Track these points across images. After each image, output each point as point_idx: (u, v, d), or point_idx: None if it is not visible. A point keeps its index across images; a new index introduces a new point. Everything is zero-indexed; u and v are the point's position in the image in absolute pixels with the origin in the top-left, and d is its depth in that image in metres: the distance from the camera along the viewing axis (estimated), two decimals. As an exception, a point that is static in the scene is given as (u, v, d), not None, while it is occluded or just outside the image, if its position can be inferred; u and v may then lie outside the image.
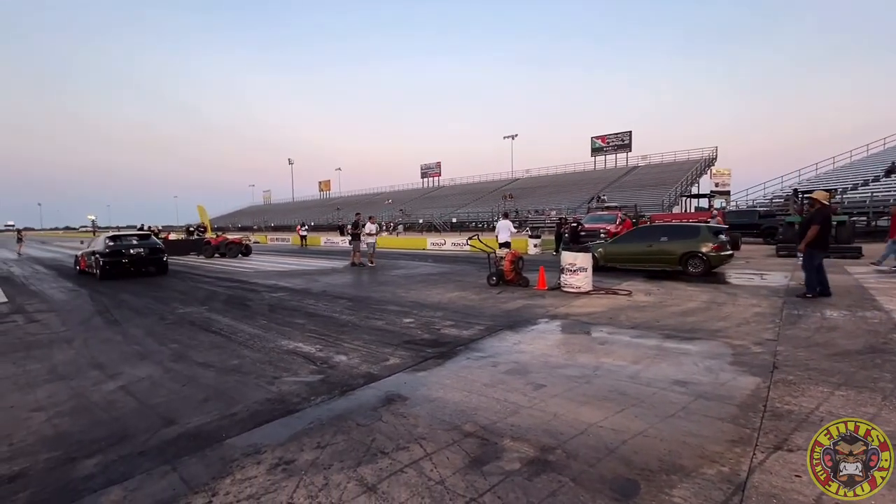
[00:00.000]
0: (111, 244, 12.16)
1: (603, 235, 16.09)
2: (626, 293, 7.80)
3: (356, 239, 14.19)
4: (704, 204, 35.83)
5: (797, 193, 20.01)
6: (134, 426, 3.07)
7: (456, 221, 47.78)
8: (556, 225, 19.58)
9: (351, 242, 14.77)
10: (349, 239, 15.79)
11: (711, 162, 46.96)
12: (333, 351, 4.78)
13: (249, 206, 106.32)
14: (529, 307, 6.90)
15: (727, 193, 37.55)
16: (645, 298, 7.39)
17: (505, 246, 11.97)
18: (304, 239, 28.51)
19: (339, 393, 3.56)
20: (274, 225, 70.57)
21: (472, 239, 10.93)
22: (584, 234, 16.02)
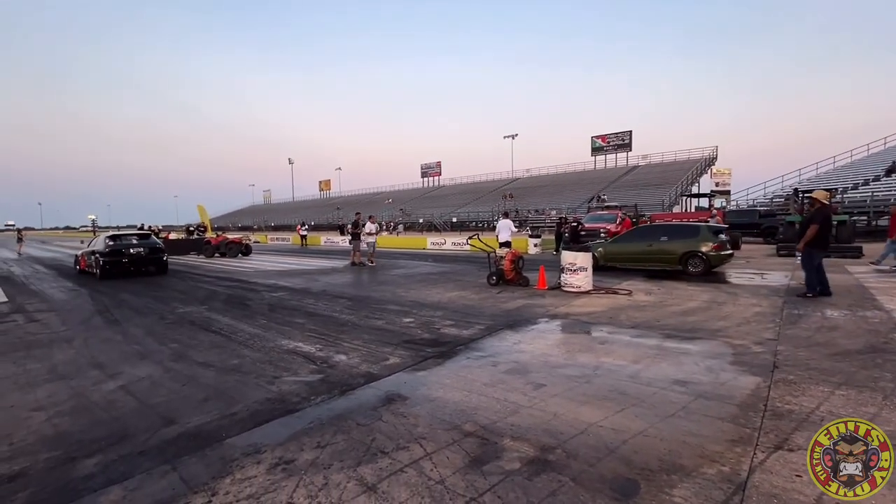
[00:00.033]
0: (111, 244, 12.16)
1: (603, 235, 16.09)
2: (626, 293, 7.80)
3: (356, 238, 14.19)
4: (705, 203, 35.79)
5: (797, 193, 20.00)
6: (134, 426, 3.07)
7: (456, 221, 47.75)
8: (556, 224, 19.57)
9: (351, 242, 14.77)
10: (349, 238, 15.79)
11: (712, 161, 46.93)
12: (333, 350, 4.78)
13: (250, 205, 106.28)
14: (529, 307, 6.90)
15: (727, 193, 37.47)
16: (645, 298, 7.39)
17: (505, 245, 11.97)
18: (304, 238, 28.54)
19: (338, 392, 3.56)
20: (274, 224, 70.56)
21: (472, 238, 10.92)
22: (584, 233, 16.01)
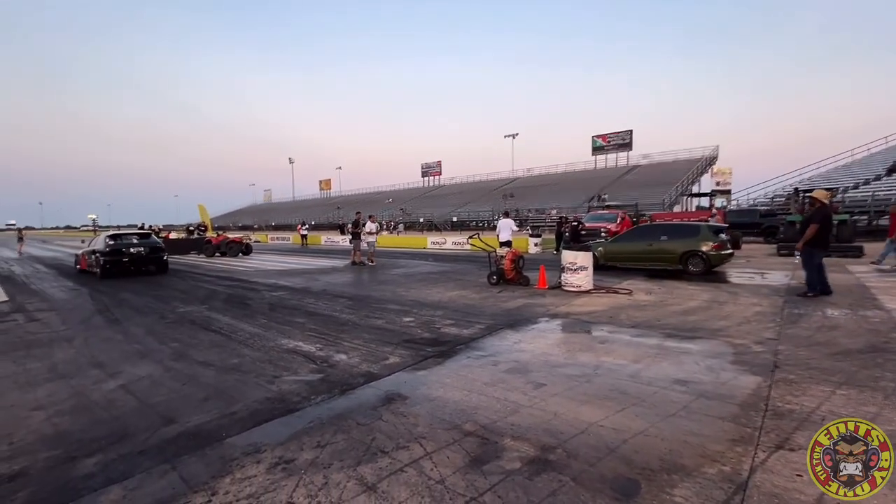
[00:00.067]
0: (111, 243, 12.16)
1: (604, 234, 16.09)
2: (626, 292, 7.79)
3: (357, 238, 14.19)
4: (706, 203, 35.80)
5: (798, 192, 19.98)
6: (134, 425, 3.07)
7: (456, 220, 47.77)
8: (556, 224, 19.56)
9: (351, 241, 14.77)
10: (350, 238, 15.79)
11: (712, 161, 46.88)
12: (333, 350, 4.78)
13: (250, 205, 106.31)
14: (530, 306, 6.89)
15: (728, 192, 37.45)
16: (646, 297, 7.38)
17: (506, 245, 11.97)
18: (304, 238, 28.54)
19: (338, 392, 3.56)
20: (275, 224, 70.56)
21: (472, 238, 10.92)
22: (584, 232, 16.01)
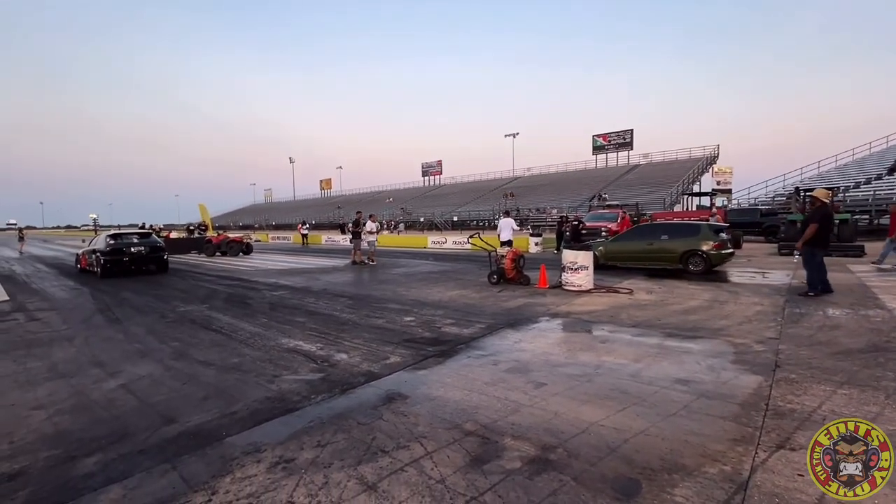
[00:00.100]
0: (112, 242, 12.17)
1: (604, 234, 16.07)
2: (627, 291, 7.78)
3: (357, 237, 14.19)
4: (706, 202, 35.74)
5: (799, 191, 19.93)
6: (134, 424, 3.07)
7: (457, 220, 47.75)
8: (557, 223, 19.54)
9: (352, 241, 14.77)
10: (350, 237, 15.79)
11: (713, 160, 46.82)
12: (334, 349, 4.77)
13: (251, 204, 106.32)
14: (530, 305, 6.89)
15: (729, 191, 37.40)
16: (646, 297, 7.37)
17: (506, 244, 11.96)
18: (305, 237, 28.55)
19: (339, 391, 3.56)
20: (275, 223, 70.59)
21: (473, 237, 10.91)
22: (585, 232, 16.00)
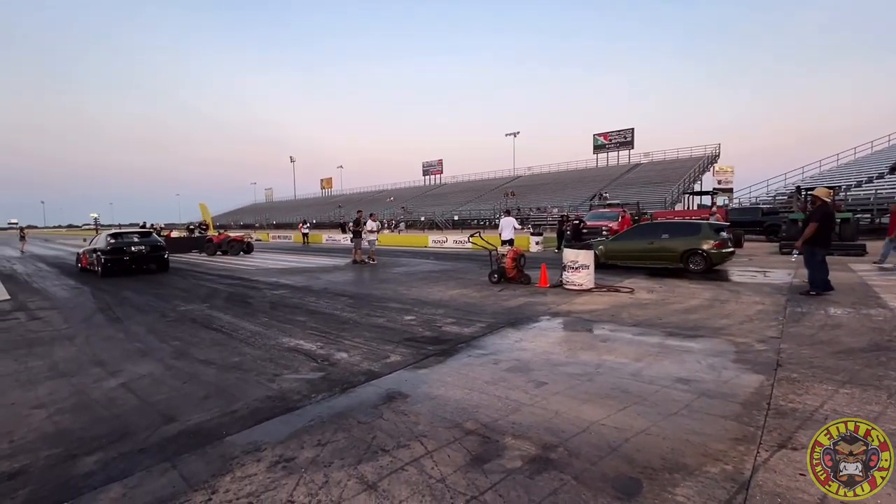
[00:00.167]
0: (113, 242, 12.17)
1: (605, 233, 16.07)
2: (628, 290, 7.77)
3: (358, 236, 14.19)
4: (707, 201, 35.71)
5: (800, 190, 19.90)
6: (134, 423, 3.06)
7: (458, 219, 47.71)
8: (557, 222, 19.54)
9: (352, 240, 14.78)
10: (351, 236, 15.79)
11: (714, 159, 46.74)
12: (334, 348, 4.77)
13: (251, 203, 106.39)
14: (531, 304, 6.88)
15: (730, 190, 37.35)
16: (647, 296, 7.36)
17: (507, 243, 11.96)
18: (305, 237, 28.59)
19: (339, 390, 3.55)
20: (276, 223, 70.60)
21: (473, 236, 10.91)
22: (586, 231, 15.99)
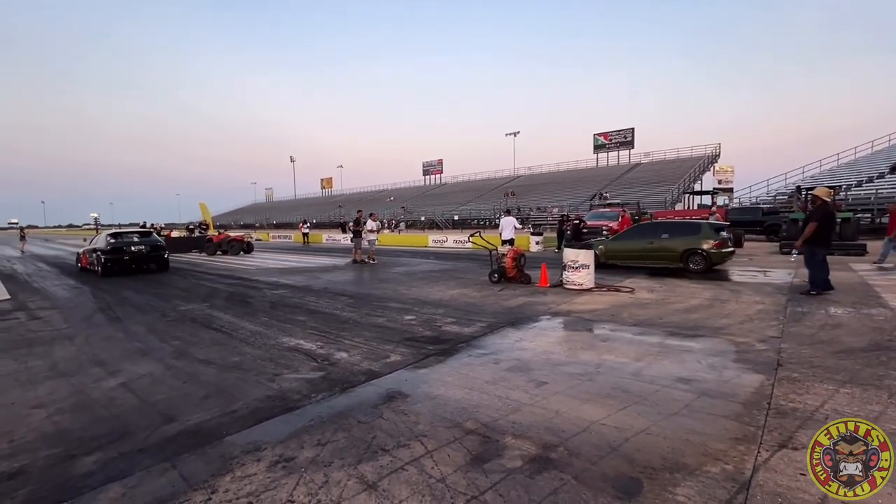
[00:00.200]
0: (113, 241, 12.17)
1: (605, 232, 16.05)
2: (628, 290, 7.76)
3: (358, 236, 14.19)
4: (708, 201, 35.70)
5: (800, 190, 19.89)
6: (134, 423, 3.06)
7: (458, 219, 47.69)
8: (558, 222, 19.53)
9: (353, 240, 14.78)
10: (351, 236, 15.78)
11: (714, 159, 46.70)
12: (334, 348, 4.77)
13: (252, 203, 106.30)
14: (531, 304, 6.88)
15: (730, 190, 37.34)
16: (647, 295, 7.35)
17: (508, 243, 11.96)
18: (305, 236, 28.60)
19: (339, 390, 3.55)
20: (276, 222, 70.54)
21: (474, 236, 10.91)
22: (586, 231, 15.98)
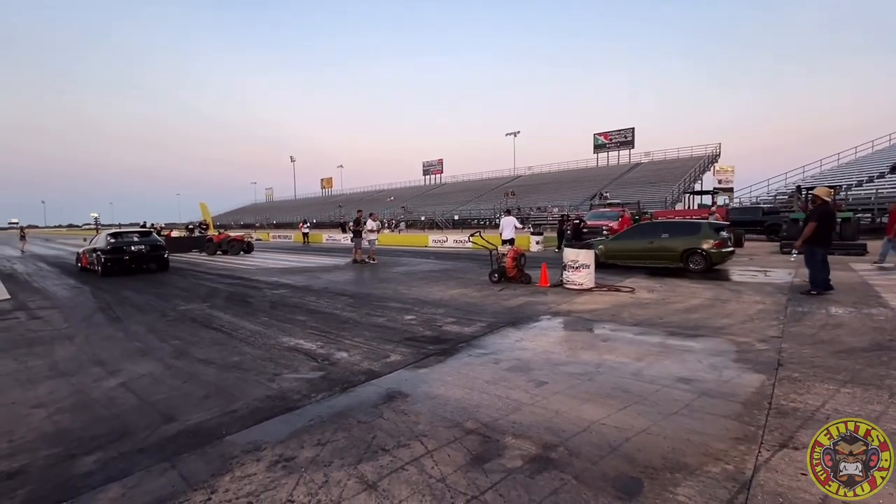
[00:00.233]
0: (112, 241, 12.17)
1: (606, 232, 16.05)
2: (628, 290, 7.76)
3: (358, 236, 14.19)
4: (708, 201, 35.70)
5: (801, 190, 19.88)
6: (134, 423, 3.06)
7: (458, 218, 47.67)
8: (558, 222, 19.54)
9: (353, 239, 14.78)
10: (351, 236, 15.79)
11: (715, 159, 46.68)
12: (334, 348, 4.76)
13: (252, 203, 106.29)
14: (531, 304, 6.87)
15: (731, 190, 37.35)
16: (648, 295, 7.35)
17: (508, 243, 11.96)
18: (306, 236, 28.59)
19: (339, 390, 3.55)
20: (276, 222, 70.52)
21: (474, 236, 10.90)
22: (586, 230, 15.97)
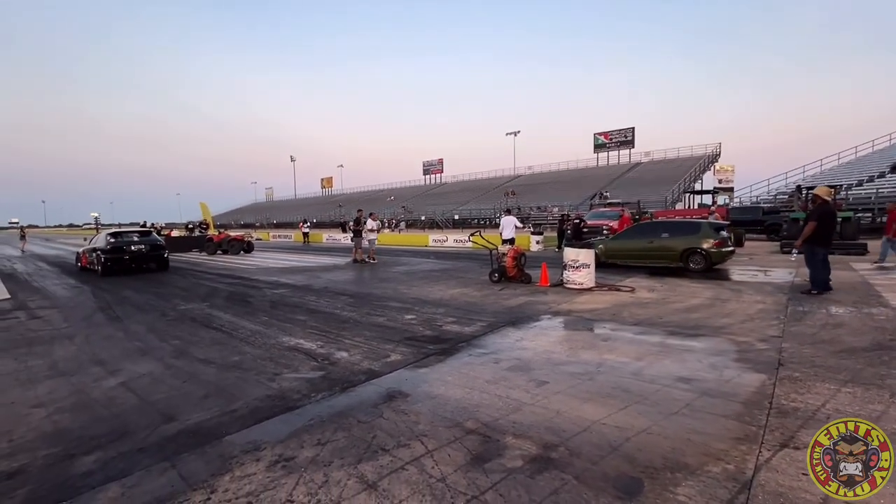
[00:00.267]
0: (112, 241, 12.17)
1: (606, 232, 16.05)
2: (629, 290, 7.75)
3: (358, 236, 14.18)
4: (708, 200, 35.69)
5: (801, 189, 19.88)
6: (134, 423, 3.06)
7: (458, 218, 47.67)
8: (558, 221, 19.54)
9: (353, 239, 14.78)
10: (351, 236, 15.79)
11: (715, 158, 46.72)
12: (334, 347, 4.76)
13: (252, 203, 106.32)
14: (532, 304, 6.87)
15: (731, 190, 37.33)
16: (648, 295, 7.34)
17: (508, 242, 11.96)
18: (306, 236, 28.59)
19: (339, 389, 3.54)
20: (276, 222, 70.52)
21: (474, 235, 10.90)
22: (586, 230, 15.97)
